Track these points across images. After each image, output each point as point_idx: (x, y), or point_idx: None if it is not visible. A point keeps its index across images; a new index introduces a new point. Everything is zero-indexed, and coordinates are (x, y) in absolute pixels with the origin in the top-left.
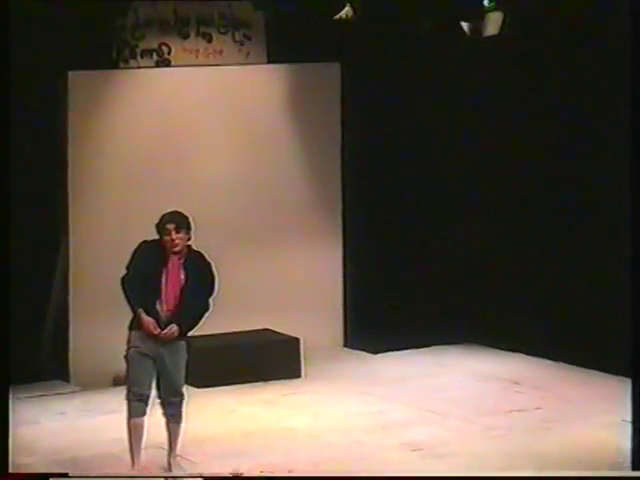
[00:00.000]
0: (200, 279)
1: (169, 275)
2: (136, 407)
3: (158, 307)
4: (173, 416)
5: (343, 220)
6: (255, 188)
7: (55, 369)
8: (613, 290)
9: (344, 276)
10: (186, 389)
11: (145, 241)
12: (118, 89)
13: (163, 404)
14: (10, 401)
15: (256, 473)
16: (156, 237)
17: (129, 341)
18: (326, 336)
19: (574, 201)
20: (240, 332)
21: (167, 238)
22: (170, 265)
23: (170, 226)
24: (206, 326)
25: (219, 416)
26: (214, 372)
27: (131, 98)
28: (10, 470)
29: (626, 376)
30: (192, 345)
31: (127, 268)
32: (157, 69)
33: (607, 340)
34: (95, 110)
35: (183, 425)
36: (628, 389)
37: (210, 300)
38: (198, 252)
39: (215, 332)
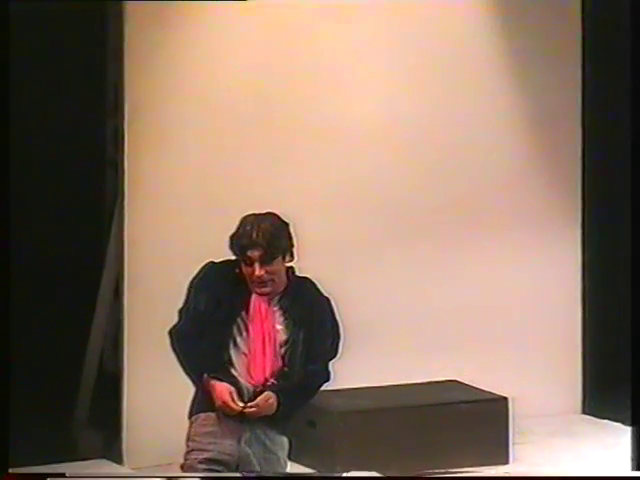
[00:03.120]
0: (313, 332)
1: (254, 325)
2: None
3: (240, 379)
4: None
5: (583, 209)
6: (440, 147)
7: (99, 443)
8: None
9: (583, 300)
10: None
11: (212, 263)
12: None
13: None
14: None
15: None
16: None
17: (189, 438)
18: (553, 396)
19: None
20: (406, 385)
21: (248, 270)
22: (255, 307)
23: (253, 253)
24: (341, 376)
25: None
26: (364, 452)
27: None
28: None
29: None
30: (325, 408)
31: (180, 312)
32: None
33: None
34: (163, 54)
35: None
36: None
37: (331, 365)
38: (306, 281)
39: (359, 385)
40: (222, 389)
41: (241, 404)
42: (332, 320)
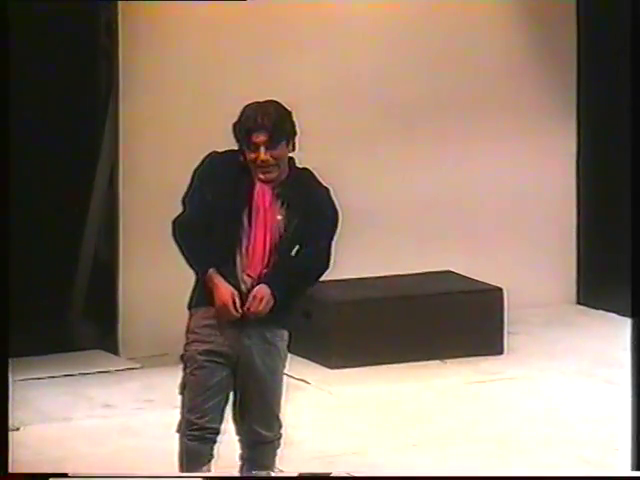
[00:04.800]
0: (311, 221)
1: (257, 215)
2: (195, 451)
3: (240, 271)
4: (262, 467)
5: (578, 100)
6: (436, 39)
7: (95, 333)
8: None
9: (578, 189)
10: (315, 372)
11: (215, 153)
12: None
13: (246, 444)
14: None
15: None
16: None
17: (189, 330)
18: (548, 287)
19: None
20: (402, 276)
21: (252, 156)
22: (258, 197)
23: (259, 137)
24: (343, 266)
25: (366, 416)
26: (359, 342)
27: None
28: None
29: None
30: (320, 298)
31: (184, 202)
32: None
33: None
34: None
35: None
36: None
37: (331, 254)
38: (305, 171)
39: (354, 276)
40: (225, 291)
41: (239, 311)
42: (332, 208)
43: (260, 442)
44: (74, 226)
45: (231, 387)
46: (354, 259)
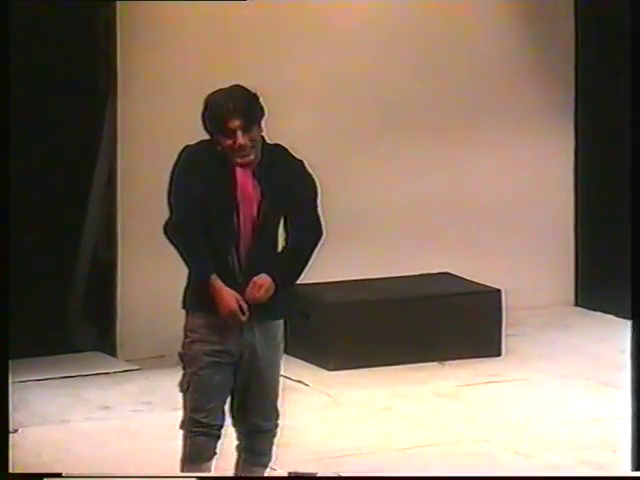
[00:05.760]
0: (292, 196)
1: (244, 200)
2: (200, 446)
3: (236, 264)
4: (260, 455)
5: (576, 104)
6: (437, 40)
7: (93, 335)
8: None
9: (576, 192)
10: (313, 374)
11: (189, 146)
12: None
13: (244, 434)
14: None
15: None
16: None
17: (189, 329)
18: (546, 288)
19: None
20: (400, 278)
21: (229, 142)
22: (241, 182)
23: (234, 123)
24: (341, 268)
25: (365, 417)
26: (358, 344)
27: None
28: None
29: None
30: (319, 300)
31: (169, 202)
32: None
33: None
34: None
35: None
36: None
37: (321, 220)
38: (278, 147)
39: (353, 278)
40: (230, 299)
41: (246, 314)
42: (309, 177)
43: (259, 432)
44: (72, 227)
45: (232, 384)
46: (352, 261)
